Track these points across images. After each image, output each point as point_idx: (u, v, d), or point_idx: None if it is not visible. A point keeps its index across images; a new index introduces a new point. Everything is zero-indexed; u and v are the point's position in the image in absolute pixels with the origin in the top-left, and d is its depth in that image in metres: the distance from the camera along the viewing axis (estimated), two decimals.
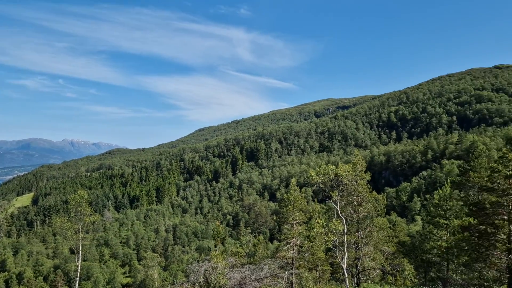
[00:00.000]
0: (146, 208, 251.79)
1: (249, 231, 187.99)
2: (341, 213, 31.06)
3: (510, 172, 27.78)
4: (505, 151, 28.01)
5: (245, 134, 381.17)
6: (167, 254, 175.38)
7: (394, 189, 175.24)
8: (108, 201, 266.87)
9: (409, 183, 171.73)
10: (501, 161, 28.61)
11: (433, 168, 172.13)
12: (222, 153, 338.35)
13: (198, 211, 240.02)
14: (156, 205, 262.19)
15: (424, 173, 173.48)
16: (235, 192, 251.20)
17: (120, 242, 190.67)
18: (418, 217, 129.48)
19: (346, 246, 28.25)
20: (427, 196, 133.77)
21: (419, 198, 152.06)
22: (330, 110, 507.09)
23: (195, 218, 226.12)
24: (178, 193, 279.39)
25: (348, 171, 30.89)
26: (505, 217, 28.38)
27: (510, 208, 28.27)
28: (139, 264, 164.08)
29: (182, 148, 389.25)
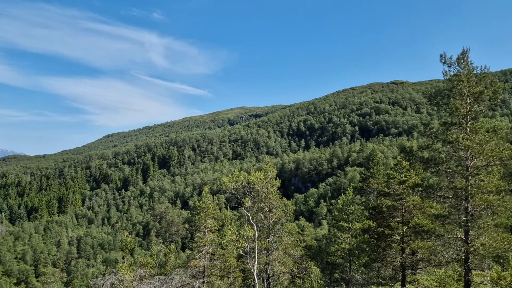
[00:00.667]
0: (46, 220, 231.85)
1: (161, 240, 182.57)
2: (252, 219, 31.57)
3: (404, 178, 30.55)
4: (399, 159, 30.75)
5: (157, 140, 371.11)
6: (70, 269, 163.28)
7: (303, 195, 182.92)
8: (1, 213, 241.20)
9: (316, 189, 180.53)
10: (396, 168, 31.36)
11: (338, 174, 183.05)
12: (132, 160, 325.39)
13: (106, 221, 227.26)
14: (58, 216, 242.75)
15: (330, 179, 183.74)
16: (146, 200, 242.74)
17: (15, 258, 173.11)
18: (324, 221, 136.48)
19: (257, 252, 28.76)
20: (333, 201, 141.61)
21: (325, 203, 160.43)
22: (243, 118, 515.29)
23: (102, 229, 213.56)
24: (83, 203, 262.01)
25: (260, 178, 31.58)
26: (399, 219, 31.09)
27: (403, 211, 31.04)
28: (37, 281, 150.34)
29: (89, 155, 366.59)
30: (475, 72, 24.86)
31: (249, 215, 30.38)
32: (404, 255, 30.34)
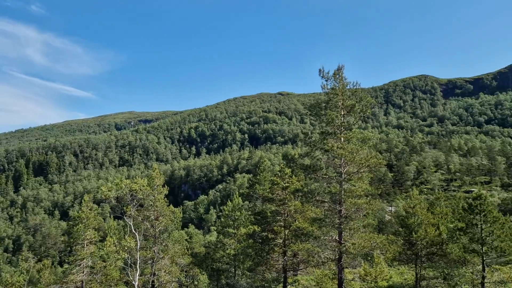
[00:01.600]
0: None
1: (33, 256, 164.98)
2: (135, 228, 30.23)
3: (286, 184, 32.08)
4: (282, 166, 32.26)
5: (32, 145, 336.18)
6: None
7: (193, 202, 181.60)
8: None
9: (206, 196, 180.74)
10: (279, 174, 32.81)
11: (228, 181, 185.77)
12: (1, 167, 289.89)
13: None
14: None
15: (220, 186, 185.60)
16: (17, 211, 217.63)
17: None
18: (213, 228, 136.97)
19: (139, 262, 27.54)
20: (222, 207, 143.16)
21: (215, 210, 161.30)
22: (132, 123, 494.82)
23: None
24: None
25: (144, 186, 30.44)
26: (282, 223, 32.52)
27: (286, 216, 32.56)
28: None
29: None
30: (348, 87, 27.31)
31: (131, 224, 29.03)
32: (285, 257, 31.78)
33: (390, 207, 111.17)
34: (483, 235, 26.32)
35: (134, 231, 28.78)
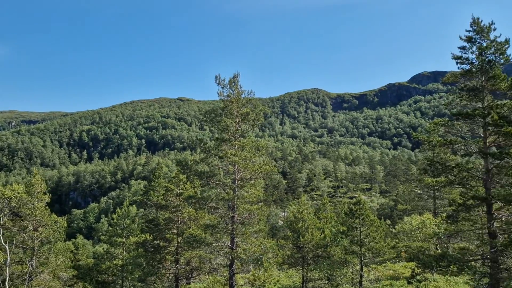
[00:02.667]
0: None
1: None
2: (5, 241, 27.06)
3: (180, 190, 31.58)
4: (176, 173, 31.70)
5: None
6: None
7: (82, 210, 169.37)
8: None
9: (97, 204, 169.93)
10: (173, 181, 32.18)
11: (121, 188, 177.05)
12: None
13: None
14: None
15: (113, 193, 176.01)
16: None
17: None
18: (104, 238, 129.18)
19: (8, 279, 24.62)
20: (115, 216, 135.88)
21: (106, 219, 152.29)
22: (13, 124, 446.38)
23: None
24: None
25: (18, 193, 27.49)
26: (175, 231, 31.88)
27: (179, 223, 31.98)
28: None
29: None
30: (243, 95, 27.91)
31: (0, 235, 25.95)
32: (178, 265, 31.16)
33: (283, 213, 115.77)
34: (361, 237, 28.71)
35: (4, 243, 25.72)
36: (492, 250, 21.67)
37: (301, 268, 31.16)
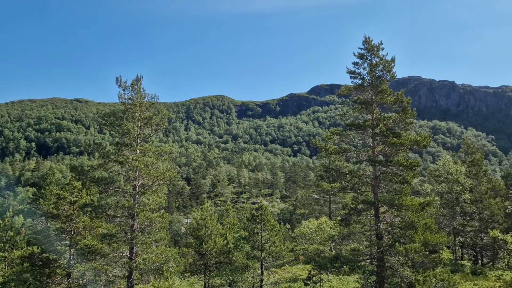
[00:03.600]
0: None
1: None
2: None
3: (75, 198, 29.32)
4: (70, 179, 29.41)
5: None
6: None
7: None
8: None
9: None
10: (67, 188, 29.77)
11: (6, 196, 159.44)
12: None
13: None
14: None
15: None
16: None
17: None
18: None
19: None
20: None
21: None
22: None
23: None
24: None
25: None
26: (67, 242, 29.44)
27: (72, 233, 29.61)
28: None
29: None
30: (146, 99, 26.99)
31: None
32: (70, 279, 28.81)
33: (187, 219, 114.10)
34: (262, 242, 29.41)
35: None
36: (379, 250, 23.69)
37: (203, 276, 30.89)
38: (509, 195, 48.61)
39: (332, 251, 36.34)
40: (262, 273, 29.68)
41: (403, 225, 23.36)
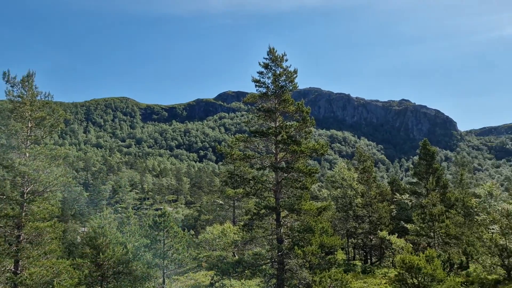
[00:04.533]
0: None
1: None
2: None
3: None
4: None
5: None
6: None
7: None
8: None
9: None
10: None
11: None
12: None
13: None
14: None
15: None
16: None
17: None
18: None
19: None
20: None
21: None
22: None
23: None
24: None
25: None
26: None
27: None
28: None
29: None
30: (39, 97, 24.78)
31: None
32: None
33: (83, 228, 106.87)
34: (165, 249, 28.68)
35: None
36: (279, 253, 24.53)
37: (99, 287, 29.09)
38: (394, 199, 53.75)
39: (235, 256, 36.76)
40: (164, 282, 28.91)
41: (302, 229, 24.49)
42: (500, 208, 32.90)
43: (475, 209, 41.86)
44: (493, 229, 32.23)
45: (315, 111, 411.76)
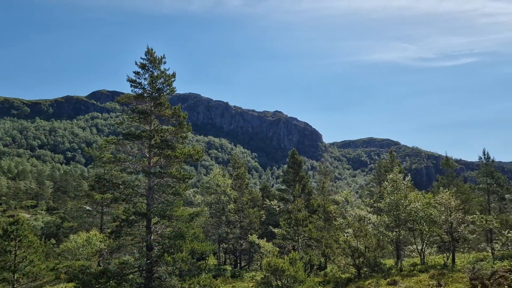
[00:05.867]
0: None
1: None
2: None
3: None
4: None
5: None
6: None
7: None
8: None
9: None
10: None
11: None
12: None
13: None
14: None
15: None
16: None
17: None
18: None
19: None
20: None
21: None
22: None
23: None
24: None
25: None
26: None
27: None
28: None
29: None
30: None
31: None
32: None
33: None
34: (16, 261, 25.52)
35: None
36: (148, 261, 23.71)
37: None
38: (264, 205, 56.39)
39: (100, 265, 34.41)
40: None
41: (173, 235, 24.04)
42: (353, 214, 36.85)
43: (334, 214, 46.18)
44: (348, 232, 35.87)
45: (193, 116, 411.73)
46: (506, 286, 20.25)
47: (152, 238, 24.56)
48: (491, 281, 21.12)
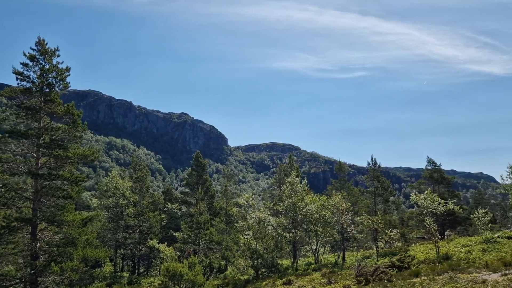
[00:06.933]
0: None
1: None
2: None
3: None
4: None
5: None
6: None
7: None
8: None
9: None
10: None
11: None
12: None
13: None
14: None
15: None
16: None
17: None
18: None
19: None
20: None
21: None
22: None
23: None
24: None
25: None
26: None
27: None
28: None
29: None
30: None
31: None
32: None
33: None
34: None
35: None
36: (32, 271, 21.63)
37: None
38: (166, 208, 55.07)
39: None
40: None
41: (62, 243, 22.29)
42: (254, 216, 37.70)
43: (236, 217, 46.77)
44: (248, 234, 36.57)
45: (93, 115, 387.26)
46: (385, 281, 22.33)
47: (38, 246, 22.49)
48: (374, 276, 23.11)
